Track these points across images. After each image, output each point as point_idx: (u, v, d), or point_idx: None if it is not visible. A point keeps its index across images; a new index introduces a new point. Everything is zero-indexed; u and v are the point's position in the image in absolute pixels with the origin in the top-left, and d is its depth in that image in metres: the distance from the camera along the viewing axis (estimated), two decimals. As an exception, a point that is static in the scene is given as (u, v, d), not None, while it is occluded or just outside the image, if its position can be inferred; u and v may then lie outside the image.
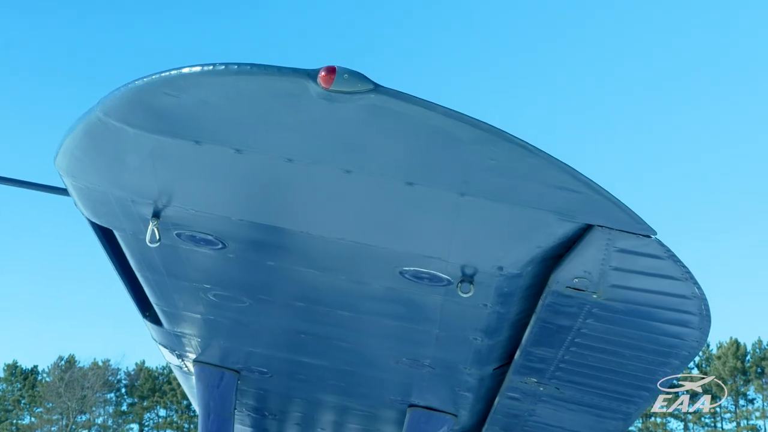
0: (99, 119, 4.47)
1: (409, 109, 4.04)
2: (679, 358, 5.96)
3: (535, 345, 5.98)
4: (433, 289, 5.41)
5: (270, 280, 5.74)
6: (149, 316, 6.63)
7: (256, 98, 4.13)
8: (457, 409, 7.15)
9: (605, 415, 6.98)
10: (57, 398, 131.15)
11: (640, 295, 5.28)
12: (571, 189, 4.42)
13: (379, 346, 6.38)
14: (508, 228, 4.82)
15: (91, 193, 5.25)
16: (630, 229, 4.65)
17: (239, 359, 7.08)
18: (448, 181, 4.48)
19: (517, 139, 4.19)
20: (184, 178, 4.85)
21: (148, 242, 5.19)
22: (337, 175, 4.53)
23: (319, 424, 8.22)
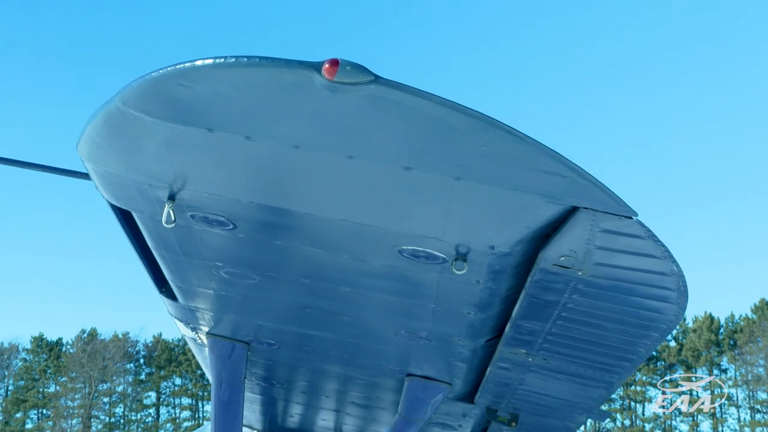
0: (118, 108, 4.48)
1: (407, 99, 4.06)
2: (659, 331, 5.97)
3: (524, 319, 5.99)
4: (429, 266, 5.42)
5: (278, 259, 5.74)
6: (165, 291, 6.63)
7: (265, 89, 4.15)
8: (452, 379, 7.15)
9: (589, 384, 6.98)
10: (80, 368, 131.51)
11: (622, 272, 5.29)
12: (559, 174, 4.44)
13: (379, 319, 6.38)
14: (500, 210, 4.83)
15: (110, 178, 5.25)
16: (613, 210, 4.66)
17: (249, 332, 7.09)
18: (443, 166, 4.49)
19: (508, 127, 4.20)
20: (197, 163, 4.85)
21: (164, 223, 5.21)
22: (340, 160, 4.54)
23: (323, 392, 8.23)
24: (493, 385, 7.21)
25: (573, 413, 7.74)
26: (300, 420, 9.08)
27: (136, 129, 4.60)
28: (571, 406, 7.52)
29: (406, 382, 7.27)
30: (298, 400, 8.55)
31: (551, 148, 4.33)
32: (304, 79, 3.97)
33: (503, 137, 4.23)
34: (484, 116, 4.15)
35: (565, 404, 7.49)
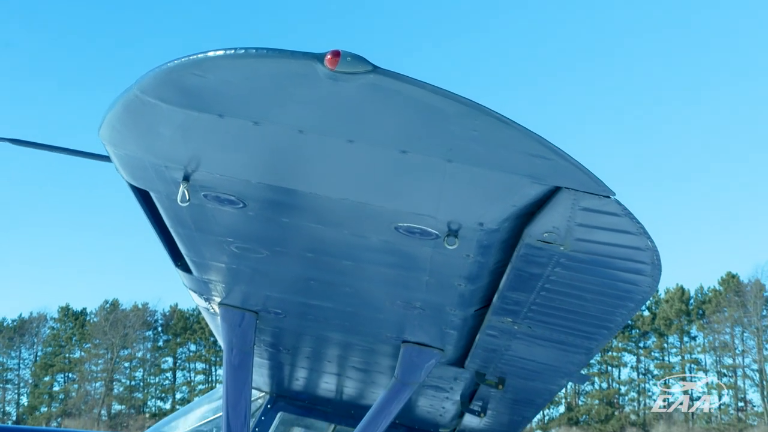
0: (136, 96, 4.49)
1: (403, 87, 4.07)
2: (634, 302, 5.99)
3: (511, 290, 6.00)
4: (423, 242, 5.43)
5: (284, 234, 5.75)
6: (180, 265, 6.64)
7: (271, 77, 4.15)
8: (444, 345, 7.16)
9: (570, 350, 7.00)
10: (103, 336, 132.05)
11: (600, 247, 5.30)
12: (543, 156, 4.44)
13: (377, 290, 6.39)
14: (488, 190, 4.83)
15: (130, 160, 5.25)
16: (592, 190, 4.67)
17: (258, 302, 7.09)
18: (436, 150, 4.50)
19: (497, 113, 4.21)
20: (209, 146, 4.85)
21: (179, 202, 5.21)
22: (341, 144, 4.55)
23: (326, 357, 8.23)
24: (481, 351, 7.22)
25: (555, 377, 7.75)
26: (304, 383, 9.09)
27: (152, 115, 4.60)
28: (553, 370, 7.54)
29: (401, 348, 7.28)
30: (303, 364, 8.56)
31: (536, 132, 4.34)
32: (307, 68, 3.98)
33: (492, 122, 4.23)
34: (474, 103, 4.16)
35: (548, 368, 7.50)
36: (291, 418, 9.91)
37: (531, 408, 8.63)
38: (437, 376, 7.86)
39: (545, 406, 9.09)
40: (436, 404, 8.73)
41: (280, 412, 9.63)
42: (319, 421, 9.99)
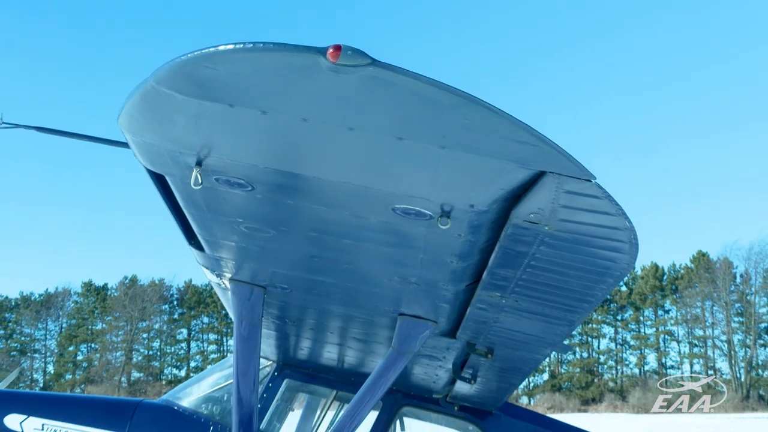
0: (152, 87, 4.48)
1: (400, 79, 4.07)
2: (613, 277, 5.99)
3: (499, 267, 6.00)
4: (418, 222, 5.43)
5: (289, 215, 5.74)
6: (194, 243, 6.63)
7: (278, 70, 4.14)
8: (437, 317, 7.16)
9: (554, 322, 7.00)
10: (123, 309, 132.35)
11: (582, 227, 5.30)
12: (529, 143, 4.45)
13: (376, 267, 6.39)
14: (479, 174, 4.83)
15: (147, 146, 5.24)
16: (575, 174, 4.67)
17: (265, 277, 7.09)
18: (430, 137, 4.49)
19: (487, 103, 4.22)
20: (220, 134, 4.85)
21: (192, 185, 5.21)
22: (342, 131, 4.54)
23: (328, 328, 8.23)
24: (472, 323, 7.22)
25: (540, 346, 7.76)
26: (308, 352, 9.09)
27: (168, 105, 4.59)
28: (538, 340, 7.54)
29: (398, 320, 7.28)
30: (307, 335, 8.56)
31: (523, 121, 4.35)
32: (311, 61, 3.98)
33: (482, 112, 4.24)
34: (466, 94, 4.17)
35: (533, 339, 7.50)
36: (296, 384, 9.92)
37: (518, 375, 8.63)
38: (431, 346, 7.86)
39: (531, 373, 9.12)
40: (429, 372, 8.73)
41: (286, 379, 9.64)
42: (322, 388, 10.00)
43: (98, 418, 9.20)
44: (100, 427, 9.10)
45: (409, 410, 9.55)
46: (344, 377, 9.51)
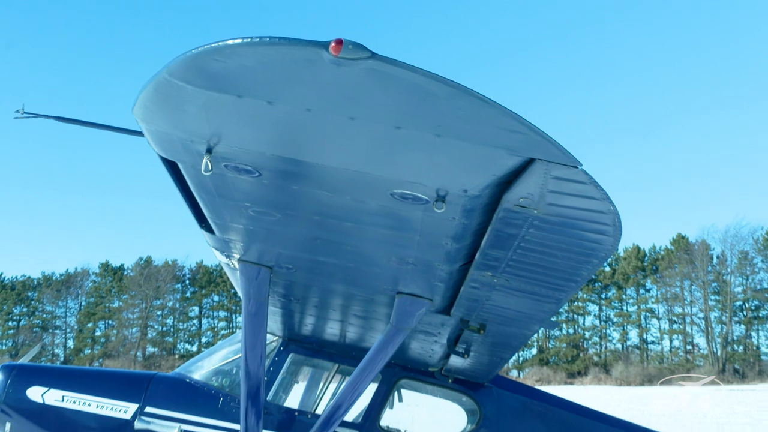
0: (165, 79, 4.48)
1: (397, 72, 4.08)
2: (598, 258, 5.99)
3: (491, 248, 6.00)
4: (415, 206, 5.43)
5: (294, 200, 5.74)
6: (204, 226, 6.63)
7: (283, 62, 4.14)
8: (433, 295, 7.16)
9: (542, 300, 7.00)
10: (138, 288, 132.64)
11: (569, 210, 5.29)
12: (519, 132, 4.46)
13: (375, 248, 6.39)
14: (472, 161, 4.83)
15: (160, 135, 5.24)
16: (562, 161, 4.68)
17: (272, 258, 7.08)
18: (426, 126, 4.49)
19: (480, 94, 4.23)
20: (229, 123, 4.84)
21: (203, 172, 5.21)
22: (343, 120, 4.53)
23: (330, 306, 8.23)
24: (465, 301, 7.22)
25: (529, 323, 7.76)
26: (312, 328, 9.09)
27: (179, 96, 4.59)
28: (527, 317, 7.54)
29: (396, 298, 7.28)
30: (311, 312, 8.56)
31: (513, 111, 4.35)
32: (314, 55, 3.99)
33: (475, 102, 4.25)
34: (460, 85, 4.18)
35: (523, 316, 7.50)
36: (301, 358, 9.92)
37: (508, 350, 8.64)
38: (427, 323, 7.87)
39: (520, 348, 9.11)
40: (425, 347, 8.74)
41: (291, 353, 9.64)
42: (325, 361, 10.00)
43: (115, 389, 9.21)
44: (117, 398, 9.11)
45: (406, 382, 9.56)
46: (346, 352, 9.52)
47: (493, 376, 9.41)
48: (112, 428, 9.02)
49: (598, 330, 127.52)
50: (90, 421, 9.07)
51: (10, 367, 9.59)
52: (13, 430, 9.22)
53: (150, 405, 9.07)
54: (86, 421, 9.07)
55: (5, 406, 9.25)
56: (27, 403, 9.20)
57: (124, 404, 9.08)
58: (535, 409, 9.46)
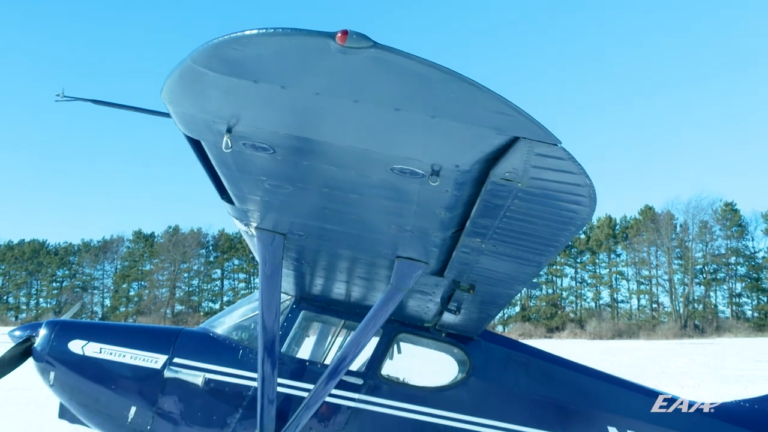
0: (189, 66, 4.47)
1: (397, 59, 4.07)
2: (574, 226, 5.98)
3: (480, 217, 6.00)
4: (412, 180, 5.41)
5: (305, 174, 5.73)
6: (225, 197, 6.62)
7: (295, 51, 4.12)
8: (428, 259, 7.16)
9: (525, 263, 7.01)
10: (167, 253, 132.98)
11: (549, 184, 5.28)
12: (506, 113, 4.46)
13: (377, 217, 6.38)
14: (463, 140, 4.82)
15: (185, 116, 5.22)
16: (544, 139, 4.67)
17: (285, 226, 7.08)
18: (423, 108, 4.48)
19: (470, 79, 4.23)
20: (247, 105, 4.82)
21: (224, 149, 5.21)
22: (349, 103, 4.52)
23: (337, 268, 8.23)
24: (457, 264, 7.22)
25: (513, 284, 7.76)
26: (321, 288, 9.10)
27: (202, 81, 4.57)
28: (511, 278, 7.54)
29: (396, 261, 7.29)
30: (320, 274, 8.56)
31: (500, 94, 4.35)
32: (322, 44, 3.99)
33: (466, 87, 4.25)
34: (453, 71, 4.17)
35: (508, 277, 7.50)
36: (311, 315, 9.93)
37: (495, 307, 8.64)
38: (422, 283, 7.87)
39: (506, 306, 9.14)
40: (421, 305, 8.75)
41: (303, 310, 9.65)
42: (333, 318, 10.00)
43: (147, 342, 9.23)
44: (149, 350, 9.14)
45: (404, 336, 9.57)
46: (351, 309, 9.53)
47: (481, 330, 9.43)
48: (144, 377, 9.05)
49: (574, 290, 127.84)
50: (124, 370, 9.10)
51: (54, 323, 9.61)
52: (57, 378, 9.26)
53: (178, 356, 9.09)
54: (121, 371, 9.10)
55: (49, 357, 9.28)
56: (69, 355, 9.22)
57: (155, 355, 9.10)
58: (518, 360, 9.48)
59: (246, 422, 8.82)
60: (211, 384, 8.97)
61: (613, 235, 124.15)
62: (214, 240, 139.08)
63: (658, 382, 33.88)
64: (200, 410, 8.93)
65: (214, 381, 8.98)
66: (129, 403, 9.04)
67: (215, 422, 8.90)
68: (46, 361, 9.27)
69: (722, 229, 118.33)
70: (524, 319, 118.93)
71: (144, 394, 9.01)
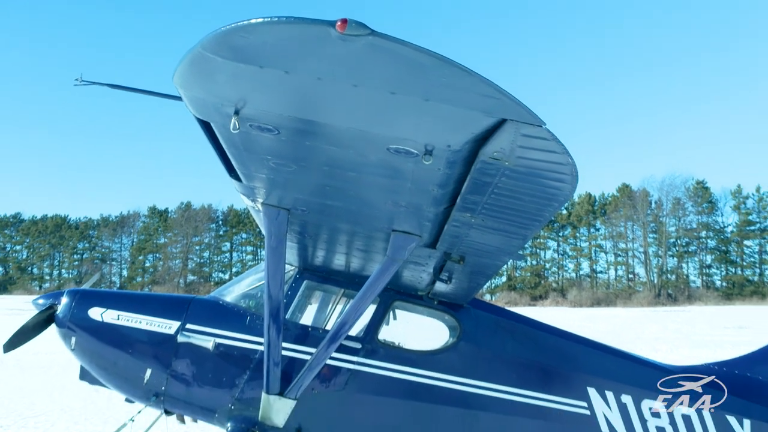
0: (199, 52, 4.44)
1: (393, 46, 4.05)
2: (557, 202, 5.98)
3: (470, 193, 5.99)
4: (407, 159, 5.40)
5: (307, 154, 5.71)
6: (233, 175, 6.60)
7: (298, 38, 4.11)
8: (422, 233, 7.16)
9: (511, 236, 7.01)
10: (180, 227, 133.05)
11: (534, 162, 5.27)
12: (494, 97, 4.45)
13: (374, 194, 6.37)
14: (454, 121, 4.81)
15: (195, 99, 5.20)
16: (529, 121, 4.66)
17: (289, 202, 7.07)
18: (416, 92, 4.47)
19: (461, 65, 4.21)
20: (253, 89, 4.80)
21: (231, 130, 5.19)
22: (348, 87, 4.51)
23: (337, 242, 8.23)
24: (448, 237, 7.22)
25: (500, 255, 7.76)
26: (322, 260, 9.10)
27: (211, 67, 4.55)
28: (499, 250, 7.54)
29: (391, 235, 7.28)
30: (321, 247, 8.56)
31: (489, 78, 4.34)
32: (323, 32, 3.97)
33: (457, 72, 4.23)
34: (445, 58, 4.15)
35: (495, 249, 7.51)
36: (313, 284, 9.94)
37: (483, 277, 8.65)
38: (416, 255, 7.87)
39: (493, 276, 9.14)
40: (415, 275, 8.75)
41: (306, 280, 9.65)
42: (333, 287, 10.02)
43: (161, 310, 9.25)
44: (163, 317, 9.15)
45: (399, 304, 9.58)
46: (350, 279, 9.53)
47: (470, 298, 9.44)
48: (159, 341, 9.07)
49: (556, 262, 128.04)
50: (140, 335, 9.12)
51: (75, 292, 9.62)
52: (77, 343, 9.28)
53: (190, 322, 9.11)
54: (137, 336, 9.12)
55: (71, 323, 9.29)
56: (88, 321, 9.24)
57: (168, 322, 9.12)
58: (505, 325, 9.50)
59: (253, 383, 8.85)
60: (221, 348, 8.99)
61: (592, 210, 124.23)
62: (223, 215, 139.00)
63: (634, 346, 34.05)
64: (211, 372, 8.96)
65: (224, 345, 9.00)
66: (145, 366, 9.07)
67: (225, 383, 8.94)
68: (67, 327, 9.29)
69: (694, 205, 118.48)
70: (510, 288, 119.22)
71: (158, 358, 9.03)
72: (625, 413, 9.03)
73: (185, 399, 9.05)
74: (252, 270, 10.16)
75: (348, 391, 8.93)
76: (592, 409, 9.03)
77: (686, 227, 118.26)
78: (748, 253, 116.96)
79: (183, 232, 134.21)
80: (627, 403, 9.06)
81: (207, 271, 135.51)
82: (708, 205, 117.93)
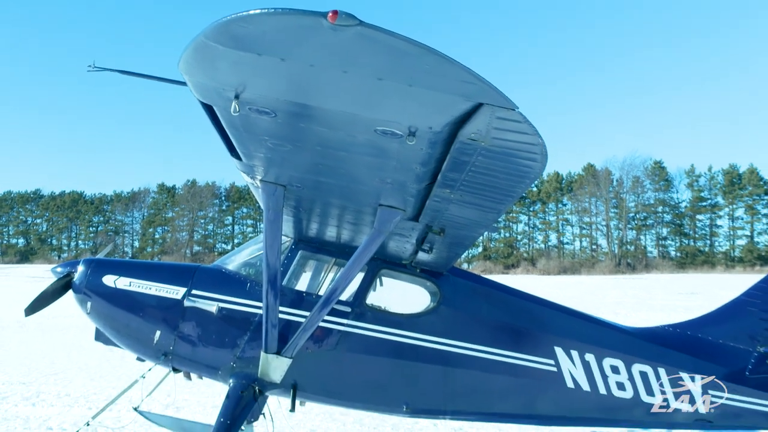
0: (202, 41, 4.41)
1: (380, 36, 4.04)
2: (529, 179, 5.98)
3: (449, 171, 5.98)
4: (393, 139, 5.39)
5: (302, 134, 5.68)
6: (234, 154, 6.56)
7: (293, 28, 4.08)
8: (406, 207, 7.15)
9: (487, 210, 7.02)
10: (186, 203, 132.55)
11: (508, 143, 5.27)
12: (472, 83, 4.44)
13: (363, 172, 6.36)
14: (436, 105, 4.80)
15: (199, 84, 5.16)
16: (504, 105, 4.66)
17: (285, 179, 7.04)
18: (401, 78, 4.45)
19: (442, 54, 4.20)
20: (251, 75, 4.77)
21: (232, 113, 5.16)
22: (338, 73, 4.48)
23: (329, 215, 8.21)
24: (430, 211, 7.21)
25: (477, 227, 7.77)
26: (316, 231, 9.08)
27: (213, 54, 4.51)
28: (475, 223, 7.55)
29: (378, 209, 7.27)
30: (315, 219, 8.53)
31: (468, 66, 4.33)
32: (316, 22, 3.95)
33: (439, 60, 4.22)
34: (428, 46, 4.14)
35: (472, 222, 7.51)
36: (307, 254, 9.92)
37: (461, 248, 8.66)
38: (401, 227, 7.86)
39: (470, 247, 9.16)
40: (399, 245, 8.75)
41: (300, 250, 9.63)
42: (326, 256, 10.00)
43: (169, 277, 9.22)
44: (170, 284, 9.13)
45: (386, 272, 9.58)
46: (341, 249, 9.52)
47: (449, 266, 9.46)
48: (167, 306, 9.05)
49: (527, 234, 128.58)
50: (150, 300, 9.10)
51: (90, 261, 9.58)
52: (93, 308, 9.25)
53: (195, 288, 9.09)
54: (147, 300, 9.10)
55: (86, 289, 9.26)
56: (103, 288, 9.21)
57: (176, 288, 9.10)
58: (481, 291, 9.53)
59: (253, 343, 8.86)
60: (224, 311, 8.98)
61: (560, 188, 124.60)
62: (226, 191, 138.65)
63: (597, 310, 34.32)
64: (214, 333, 8.96)
65: (226, 309, 8.99)
66: (154, 328, 9.05)
67: (227, 343, 8.94)
68: (83, 293, 9.25)
69: (651, 183, 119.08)
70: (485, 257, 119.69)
71: (167, 320, 9.02)
72: (588, 370, 9.10)
73: (191, 358, 9.05)
74: (252, 241, 10.14)
75: (339, 350, 8.95)
76: (559, 366, 9.10)
77: (644, 203, 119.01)
78: (700, 227, 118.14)
79: (189, 207, 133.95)
80: (590, 361, 9.13)
81: (211, 243, 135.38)
82: (664, 183, 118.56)
